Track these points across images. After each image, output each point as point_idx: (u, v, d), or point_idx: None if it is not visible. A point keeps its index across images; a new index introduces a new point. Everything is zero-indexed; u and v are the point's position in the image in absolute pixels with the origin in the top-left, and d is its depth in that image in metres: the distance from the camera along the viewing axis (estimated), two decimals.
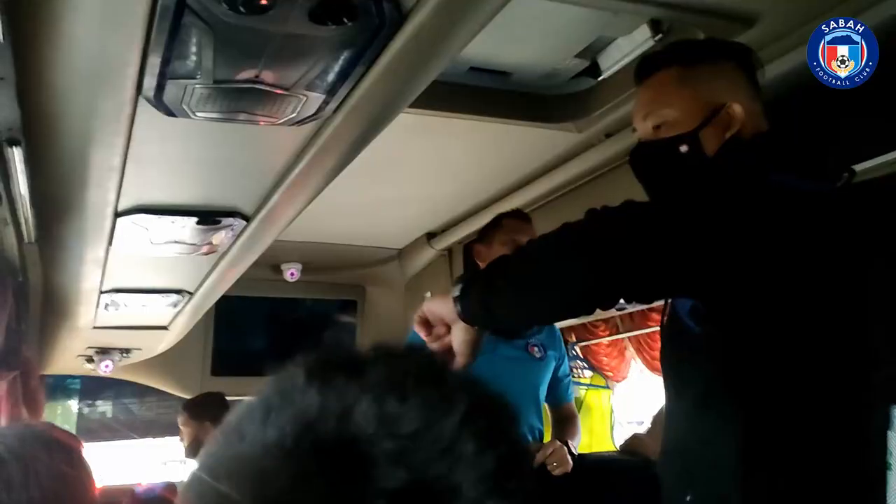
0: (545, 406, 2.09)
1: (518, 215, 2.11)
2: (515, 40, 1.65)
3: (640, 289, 0.91)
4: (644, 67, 1.17)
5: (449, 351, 0.96)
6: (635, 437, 1.97)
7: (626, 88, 1.73)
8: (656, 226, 0.87)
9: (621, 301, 0.94)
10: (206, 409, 2.89)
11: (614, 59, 1.73)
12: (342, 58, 0.87)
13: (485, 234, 2.11)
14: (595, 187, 2.15)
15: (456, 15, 0.82)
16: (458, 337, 0.95)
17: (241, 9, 0.75)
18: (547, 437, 2.04)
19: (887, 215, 1.00)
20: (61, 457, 1.11)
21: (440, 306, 0.97)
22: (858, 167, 1.47)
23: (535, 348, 2.01)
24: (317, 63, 0.88)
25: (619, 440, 3.61)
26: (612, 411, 3.47)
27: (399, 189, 2.44)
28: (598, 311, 2.99)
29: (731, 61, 1.14)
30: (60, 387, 4.95)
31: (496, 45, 1.65)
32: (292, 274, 3.19)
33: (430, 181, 2.39)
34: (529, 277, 0.91)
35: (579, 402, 3.48)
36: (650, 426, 1.99)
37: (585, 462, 2.03)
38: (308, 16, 0.78)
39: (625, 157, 1.97)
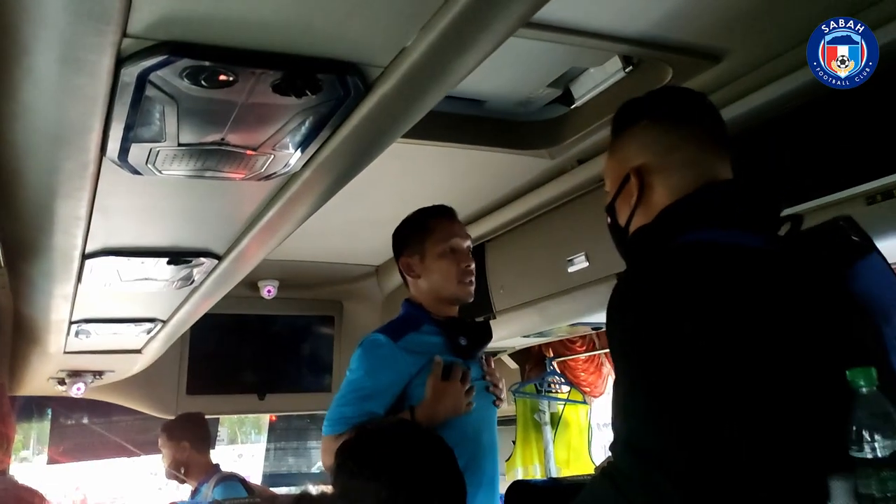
0: None
1: (444, 212, 1.77)
2: (490, 70, 1.65)
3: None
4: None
5: None
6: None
7: (598, 116, 1.74)
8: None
9: None
10: (183, 430, 2.88)
11: (587, 89, 1.74)
12: (307, 123, 0.87)
13: (410, 242, 1.75)
14: (568, 211, 2.16)
15: (421, 84, 0.82)
16: None
17: (204, 83, 0.75)
18: None
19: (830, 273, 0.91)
20: None
21: None
22: (805, 206, 1.46)
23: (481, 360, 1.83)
24: (283, 128, 0.87)
25: (598, 448, 3.64)
26: (589, 426, 3.48)
27: (376, 210, 2.43)
28: (574, 328, 2.87)
29: (646, 117, 1.05)
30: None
31: (471, 74, 1.66)
32: (269, 291, 3.18)
33: (407, 203, 2.37)
34: None
35: (557, 418, 3.49)
36: None
37: (561, 485, 2.04)
38: (272, 88, 0.77)
39: (596, 182, 1.99)
